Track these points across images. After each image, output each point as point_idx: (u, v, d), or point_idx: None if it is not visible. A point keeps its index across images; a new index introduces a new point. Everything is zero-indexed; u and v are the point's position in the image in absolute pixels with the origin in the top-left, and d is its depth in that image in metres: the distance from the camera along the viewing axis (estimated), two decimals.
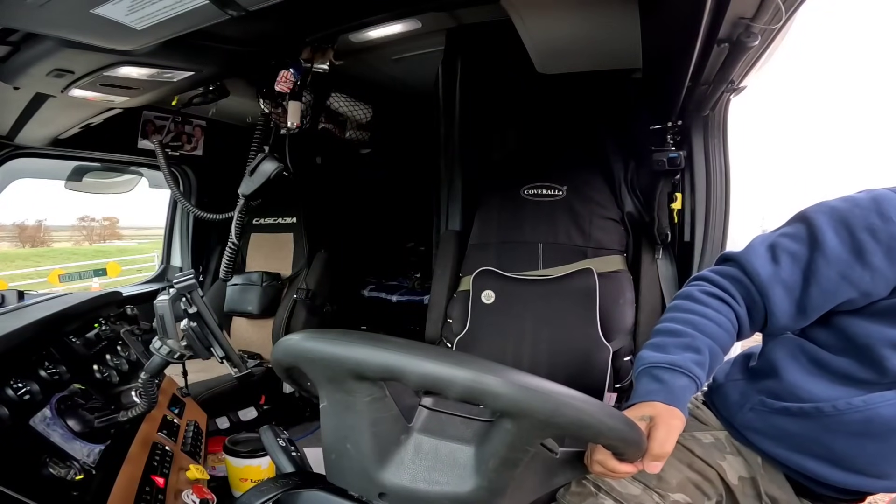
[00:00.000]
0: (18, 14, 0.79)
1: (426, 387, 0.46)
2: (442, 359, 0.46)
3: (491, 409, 0.47)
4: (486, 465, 0.49)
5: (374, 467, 0.52)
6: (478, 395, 0.45)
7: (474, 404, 0.48)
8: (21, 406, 0.82)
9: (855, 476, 0.77)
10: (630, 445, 0.53)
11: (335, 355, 0.49)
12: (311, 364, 0.52)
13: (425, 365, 0.46)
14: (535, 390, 0.44)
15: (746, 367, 0.90)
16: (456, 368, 0.45)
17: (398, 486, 0.51)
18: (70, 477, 0.78)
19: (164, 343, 0.88)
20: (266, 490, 0.58)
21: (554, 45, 1.40)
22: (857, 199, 0.74)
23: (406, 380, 0.47)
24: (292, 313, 2.15)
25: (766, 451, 0.83)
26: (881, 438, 0.72)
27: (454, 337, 1.61)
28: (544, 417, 0.45)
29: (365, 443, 0.52)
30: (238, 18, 0.82)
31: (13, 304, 1.30)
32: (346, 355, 0.49)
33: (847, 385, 0.74)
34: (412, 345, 0.48)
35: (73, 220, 28.59)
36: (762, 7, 0.83)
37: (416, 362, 0.46)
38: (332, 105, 2.05)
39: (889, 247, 0.69)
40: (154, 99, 1.33)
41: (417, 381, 0.46)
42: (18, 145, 1.62)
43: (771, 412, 0.80)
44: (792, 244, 0.75)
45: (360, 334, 0.51)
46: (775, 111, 12.60)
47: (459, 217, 1.84)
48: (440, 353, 0.47)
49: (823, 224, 0.73)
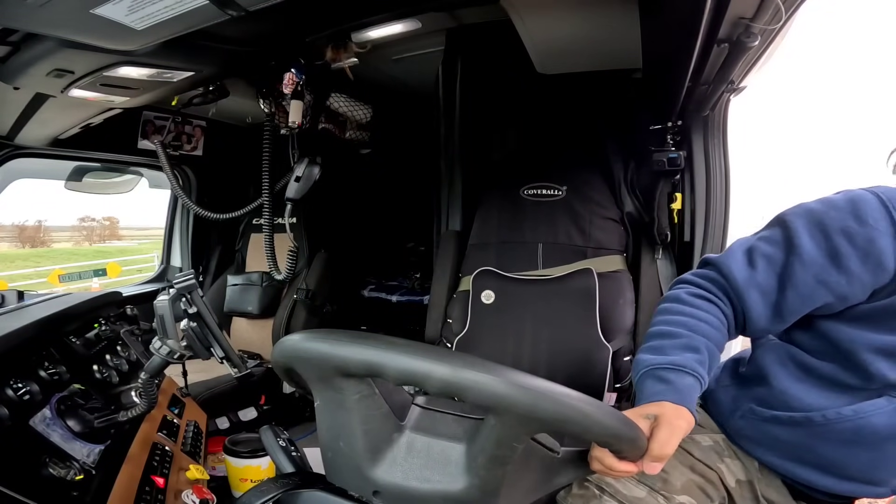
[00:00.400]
0: (18, 14, 0.79)
1: (405, 381, 0.47)
2: (420, 354, 0.46)
3: (470, 404, 0.47)
4: (476, 462, 0.49)
5: (368, 465, 0.52)
6: (455, 389, 0.45)
7: (456, 400, 0.49)
8: (21, 406, 0.82)
9: (848, 483, 0.77)
10: (624, 442, 0.52)
11: (322, 353, 0.50)
12: (303, 363, 0.53)
13: (403, 360, 0.46)
14: (514, 384, 0.44)
15: (736, 371, 0.90)
16: (434, 363, 0.45)
17: (391, 484, 0.51)
18: (70, 477, 0.78)
19: (164, 343, 0.88)
20: (266, 490, 0.58)
21: (554, 45, 1.40)
22: (833, 201, 0.74)
23: (386, 375, 0.47)
24: (292, 313, 2.15)
25: (759, 458, 0.84)
26: (872, 447, 0.73)
27: (454, 337, 1.61)
28: (524, 411, 0.44)
29: (357, 441, 0.52)
30: (238, 18, 0.82)
31: (13, 304, 1.30)
32: (331, 353, 0.50)
33: (835, 391, 0.74)
34: (393, 341, 0.49)
35: (73, 220, 28.59)
36: (762, 7, 0.83)
37: (395, 357, 0.47)
38: (332, 105, 2.05)
39: (865, 251, 0.68)
40: (154, 99, 1.33)
41: (396, 375, 0.47)
42: (18, 145, 1.61)
43: (762, 420, 0.81)
44: (768, 248, 0.76)
45: (348, 333, 0.52)
46: (775, 111, 12.69)
47: (459, 217, 1.84)
48: (420, 349, 0.48)
49: (799, 227, 0.73)
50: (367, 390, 0.52)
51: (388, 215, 3.06)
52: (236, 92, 1.70)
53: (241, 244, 2.44)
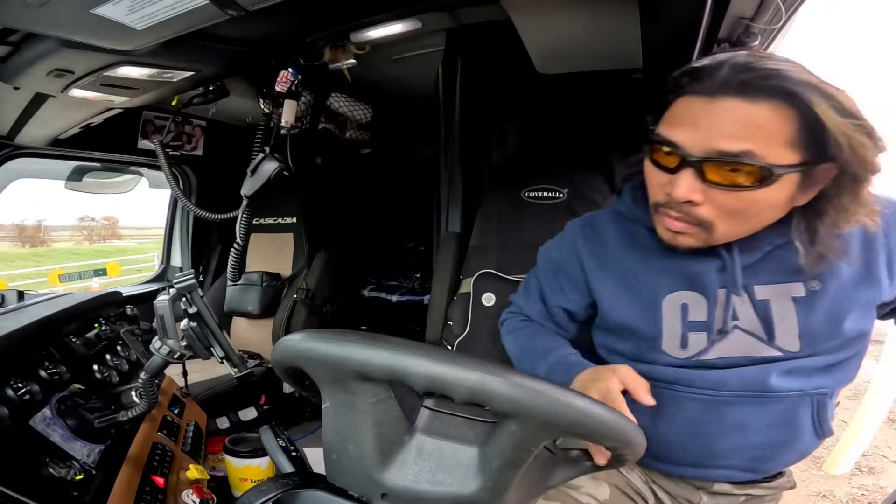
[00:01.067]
0: (18, 14, 0.79)
1: (432, 388, 0.46)
2: (448, 360, 0.46)
3: (495, 411, 0.47)
4: (490, 465, 0.50)
5: (377, 468, 0.52)
6: (485, 397, 0.45)
7: (479, 406, 0.49)
8: (21, 406, 0.82)
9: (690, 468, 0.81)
10: (632, 447, 0.53)
11: (339, 356, 0.49)
12: (314, 364, 0.52)
13: (432, 366, 0.46)
14: (540, 392, 0.45)
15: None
16: (463, 370, 0.45)
17: (401, 487, 0.51)
18: (70, 477, 0.78)
19: (164, 343, 0.88)
20: (266, 490, 0.58)
21: (554, 45, 1.40)
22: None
23: (412, 381, 0.47)
24: (292, 313, 2.15)
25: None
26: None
27: (454, 339, 1.61)
28: (547, 419, 0.45)
29: (368, 444, 0.52)
30: (238, 18, 0.82)
31: (13, 304, 1.30)
32: (350, 356, 0.49)
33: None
34: (418, 346, 0.48)
35: (72, 220, 28.67)
36: (762, 7, 0.83)
37: (422, 363, 0.46)
38: (332, 105, 2.05)
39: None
40: (154, 99, 1.33)
41: (424, 382, 0.46)
42: (18, 145, 1.61)
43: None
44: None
45: (362, 334, 0.51)
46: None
47: (459, 218, 1.84)
48: (446, 355, 0.47)
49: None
50: (383, 394, 0.51)
51: (388, 215, 3.06)
52: (236, 92, 1.70)
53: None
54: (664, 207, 0.70)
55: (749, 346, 0.73)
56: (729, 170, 0.62)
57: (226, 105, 1.72)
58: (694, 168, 0.64)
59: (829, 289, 0.70)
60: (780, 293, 0.72)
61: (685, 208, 0.67)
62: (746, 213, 0.66)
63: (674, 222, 0.70)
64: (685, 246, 0.72)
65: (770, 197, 0.63)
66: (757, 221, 0.68)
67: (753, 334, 0.73)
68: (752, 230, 0.69)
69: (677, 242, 0.72)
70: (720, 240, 0.70)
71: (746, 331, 0.73)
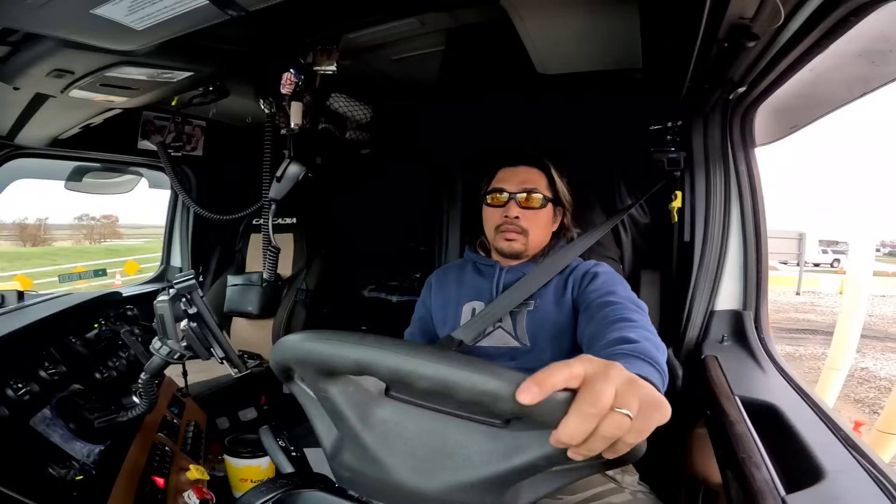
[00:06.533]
0: (18, 14, 0.79)
1: (395, 380, 0.49)
2: (449, 363, 0.47)
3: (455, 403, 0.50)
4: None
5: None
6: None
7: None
8: (21, 406, 0.82)
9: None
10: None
11: (322, 354, 0.51)
12: (302, 364, 0.54)
13: (392, 359, 0.48)
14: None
15: None
16: (424, 362, 0.47)
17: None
18: (70, 477, 0.78)
19: (164, 343, 0.88)
20: (266, 490, 0.58)
21: (554, 45, 1.40)
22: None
23: (413, 382, 0.48)
24: (292, 313, 2.15)
25: None
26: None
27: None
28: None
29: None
30: (238, 19, 0.82)
31: (13, 304, 1.30)
32: (350, 356, 0.50)
33: None
34: (383, 340, 0.50)
35: (71, 219, 28.74)
36: (762, 7, 0.83)
37: (384, 356, 0.48)
38: (332, 105, 2.05)
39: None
40: (154, 99, 1.33)
41: (387, 374, 0.48)
42: (18, 145, 1.61)
43: None
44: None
45: (336, 333, 0.53)
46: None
47: (459, 219, 1.84)
48: (413, 349, 0.49)
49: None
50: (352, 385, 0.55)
51: (388, 215, 3.06)
52: (236, 92, 1.70)
53: (241, 244, 2.44)
54: (502, 227, 1.24)
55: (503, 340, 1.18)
56: (529, 198, 1.24)
57: (226, 105, 1.71)
58: (515, 199, 1.24)
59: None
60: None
61: (516, 222, 1.23)
62: (539, 223, 1.26)
63: (510, 234, 1.23)
64: (516, 250, 1.24)
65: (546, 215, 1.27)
66: (543, 233, 1.28)
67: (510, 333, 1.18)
68: (544, 238, 1.29)
69: (512, 248, 1.24)
70: (532, 244, 1.25)
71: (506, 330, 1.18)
